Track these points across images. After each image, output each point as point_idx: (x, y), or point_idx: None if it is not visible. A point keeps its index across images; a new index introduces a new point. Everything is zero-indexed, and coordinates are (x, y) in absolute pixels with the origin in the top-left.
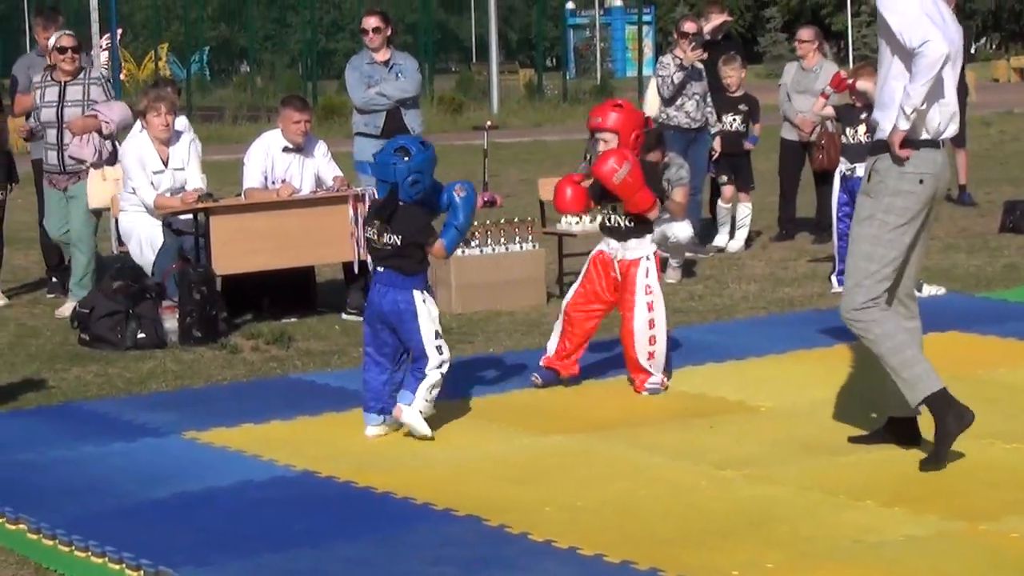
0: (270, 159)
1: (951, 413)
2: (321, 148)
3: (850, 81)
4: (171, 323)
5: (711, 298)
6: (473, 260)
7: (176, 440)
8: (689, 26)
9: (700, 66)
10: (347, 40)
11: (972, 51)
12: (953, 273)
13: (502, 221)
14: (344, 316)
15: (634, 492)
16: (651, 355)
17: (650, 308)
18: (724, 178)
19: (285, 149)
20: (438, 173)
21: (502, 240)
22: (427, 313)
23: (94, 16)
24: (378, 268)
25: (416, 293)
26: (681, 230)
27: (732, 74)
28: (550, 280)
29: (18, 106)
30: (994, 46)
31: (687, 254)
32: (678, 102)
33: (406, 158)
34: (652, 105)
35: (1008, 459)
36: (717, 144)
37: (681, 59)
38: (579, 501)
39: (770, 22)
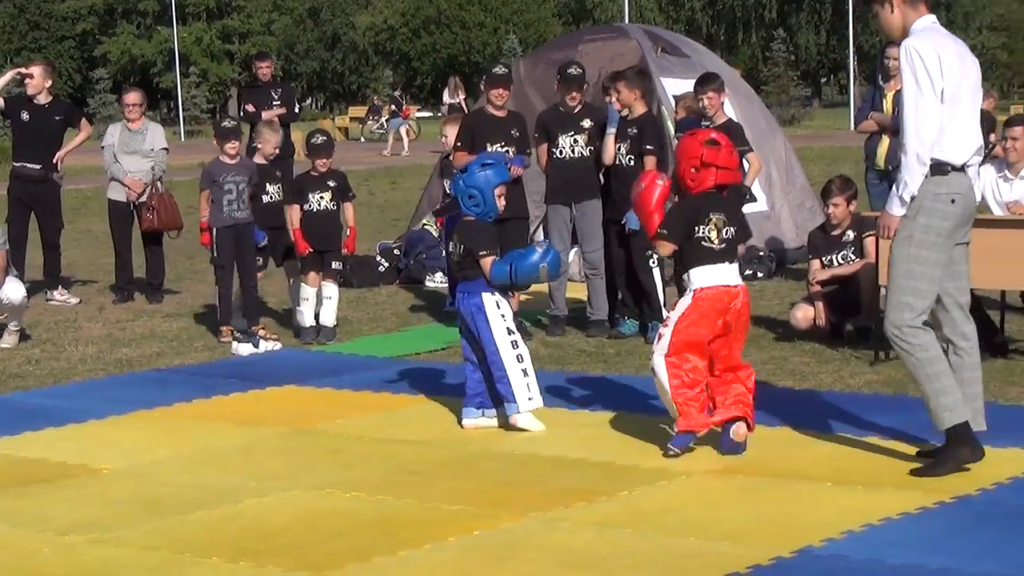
0: None
1: (970, 445)
2: None
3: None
4: None
5: (48, 362)
6: None
7: None
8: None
9: None
10: None
11: (298, 111)
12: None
13: None
14: None
15: None
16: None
17: None
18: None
19: None
20: None
21: None
22: (497, 313)
23: None
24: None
25: (486, 295)
26: (14, 292)
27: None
28: None
29: None
30: (319, 106)
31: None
32: None
33: (464, 174)
34: None
35: (348, 507)
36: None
37: None
38: None
39: (99, 83)
